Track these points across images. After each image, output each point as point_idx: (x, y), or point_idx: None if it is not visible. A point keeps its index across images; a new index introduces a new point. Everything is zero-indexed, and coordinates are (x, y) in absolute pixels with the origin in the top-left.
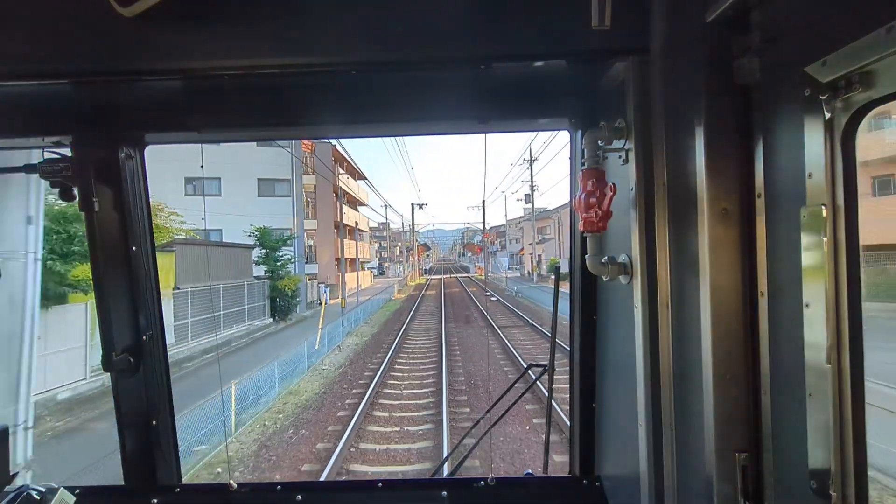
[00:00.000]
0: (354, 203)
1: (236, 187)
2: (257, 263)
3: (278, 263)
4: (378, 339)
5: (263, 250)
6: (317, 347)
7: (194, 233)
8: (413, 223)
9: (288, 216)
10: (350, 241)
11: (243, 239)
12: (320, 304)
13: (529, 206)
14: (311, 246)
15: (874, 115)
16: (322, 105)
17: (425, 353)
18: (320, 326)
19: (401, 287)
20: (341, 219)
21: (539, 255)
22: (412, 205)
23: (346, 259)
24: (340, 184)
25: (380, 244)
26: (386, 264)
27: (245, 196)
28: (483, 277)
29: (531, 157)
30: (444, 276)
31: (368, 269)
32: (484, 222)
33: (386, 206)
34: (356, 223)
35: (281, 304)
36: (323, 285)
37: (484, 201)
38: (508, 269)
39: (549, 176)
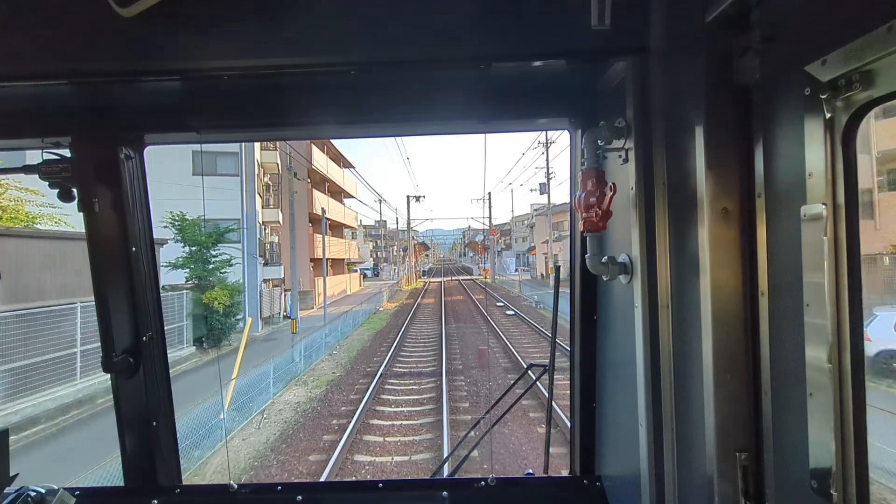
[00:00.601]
0: (339, 194)
1: (162, 161)
2: (174, 266)
3: (210, 266)
4: (332, 398)
5: (187, 247)
6: (222, 416)
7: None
8: (409, 217)
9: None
10: (332, 238)
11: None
12: (284, 317)
13: (544, 196)
14: (272, 243)
15: None
16: (321, 105)
17: (410, 442)
18: (234, 376)
19: (393, 294)
20: (289, 202)
21: (556, 255)
22: (408, 197)
23: (326, 260)
24: (315, 165)
25: (375, 243)
26: (382, 265)
27: (175, 174)
28: (489, 280)
29: (547, 140)
30: (445, 279)
31: (361, 271)
32: (490, 217)
33: (380, 200)
34: (322, 210)
35: (214, 325)
36: (289, 294)
37: (490, 193)
38: (516, 270)
39: (563, 166)
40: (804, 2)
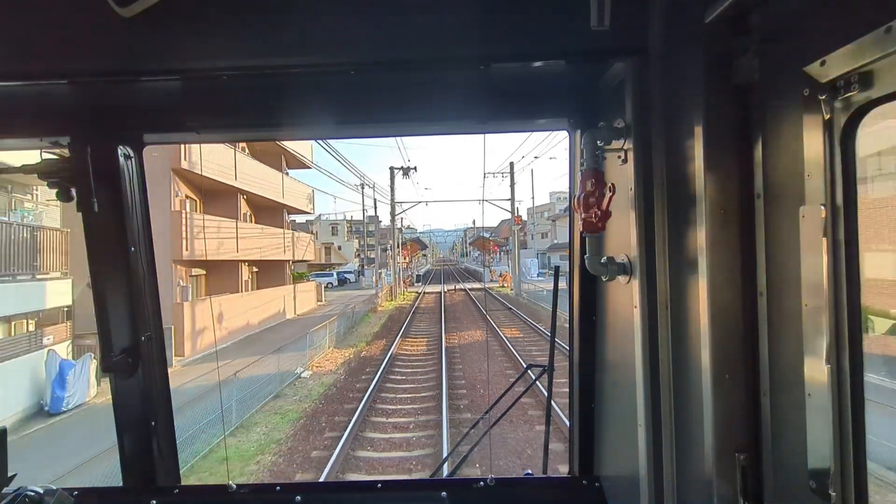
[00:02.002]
0: (277, 157)
1: None
2: None
3: None
4: None
5: None
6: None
7: None
8: (393, 199)
9: None
10: (251, 228)
11: None
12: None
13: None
14: (32, 226)
15: None
16: (321, 105)
17: None
18: None
19: (355, 322)
20: None
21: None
22: (391, 170)
23: (241, 263)
24: None
25: (362, 241)
26: (369, 266)
27: None
28: (510, 292)
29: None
30: (446, 288)
31: (340, 275)
32: (513, 199)
33: (362, 185)
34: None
35: None
36: (68, 361)
37: (512, 165)
38: (539, 275)
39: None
40: (803, 3)
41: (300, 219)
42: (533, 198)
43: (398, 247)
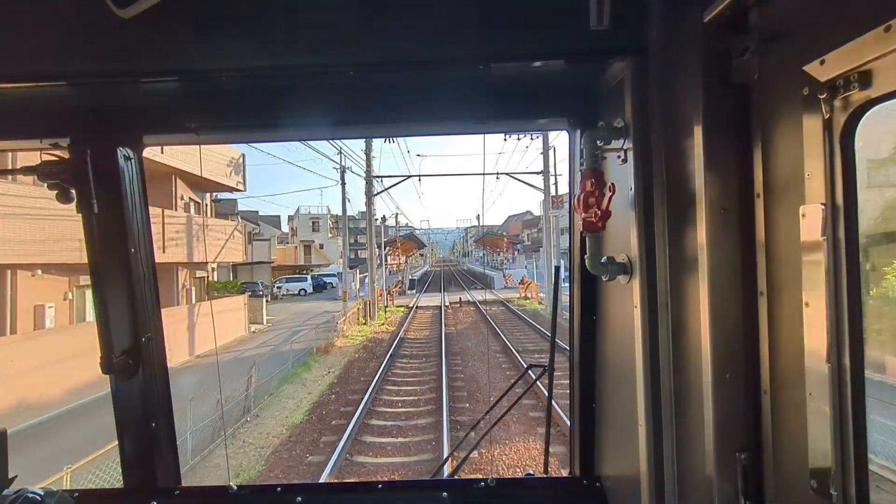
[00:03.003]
0: None
1: None
2: None
3: None
4: None
5: None
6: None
7: None
8: (369, 170)
9: None
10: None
11: None
12: None
13: None
14: None
15: None
16: (321, 105)
17: None
18: None
19: (266, 383)
20: None
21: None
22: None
23: (14, 271)
24: None
25: (355, 239)
26: (350, 270)
27: None
28: (539, 305)
29: None
30: (448, 301)
31: (317, 280)
32: (546, 172)
33: (342, 168)
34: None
35: None
36: None
37: (545, 133)
38: (565, 280)
39: None
40: (802, 2)
41: (277, 210)
42: (556, 183)
43: (379, 246)
